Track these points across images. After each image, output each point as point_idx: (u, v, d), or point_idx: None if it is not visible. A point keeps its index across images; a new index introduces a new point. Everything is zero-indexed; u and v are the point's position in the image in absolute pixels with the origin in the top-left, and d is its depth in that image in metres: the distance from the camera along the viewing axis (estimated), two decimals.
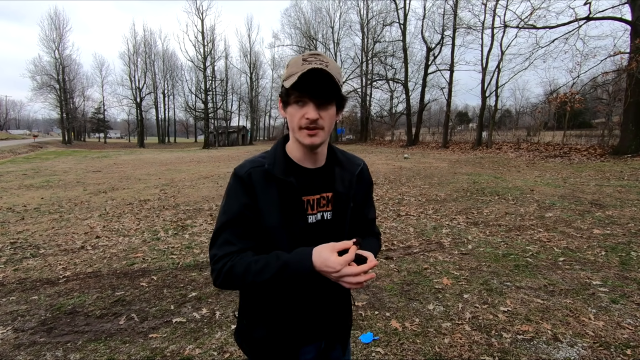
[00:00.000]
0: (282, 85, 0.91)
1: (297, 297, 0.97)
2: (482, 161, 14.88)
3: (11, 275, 3.58)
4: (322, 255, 0.81)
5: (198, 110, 42.73)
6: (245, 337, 1.03)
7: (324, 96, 0.87)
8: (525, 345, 2.28)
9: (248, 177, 0.91)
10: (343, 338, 1.12)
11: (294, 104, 0.88)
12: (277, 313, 0.98)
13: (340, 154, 1.04)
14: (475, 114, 39.28)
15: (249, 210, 0.91)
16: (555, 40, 15.98)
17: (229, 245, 0.90)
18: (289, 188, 0.91)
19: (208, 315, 2.75)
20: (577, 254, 3.89)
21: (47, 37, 40.57)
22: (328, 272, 0.80)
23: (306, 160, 0.97)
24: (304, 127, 0.87)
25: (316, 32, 40.00)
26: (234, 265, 0.87)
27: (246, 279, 0.85)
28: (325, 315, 1.03)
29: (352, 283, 0.79)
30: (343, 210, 0.99)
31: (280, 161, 0.94)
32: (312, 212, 0.96)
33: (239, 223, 0.91)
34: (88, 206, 7.01)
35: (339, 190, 0.98)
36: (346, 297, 1.12)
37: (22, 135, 56.91)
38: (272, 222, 0.91)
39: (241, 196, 0.91)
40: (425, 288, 3.14)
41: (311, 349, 1.03)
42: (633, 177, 8.87)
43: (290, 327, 0.98)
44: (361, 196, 1.06)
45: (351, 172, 1.02)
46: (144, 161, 18.42)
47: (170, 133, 65.13)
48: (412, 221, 5.48)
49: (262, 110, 58.16)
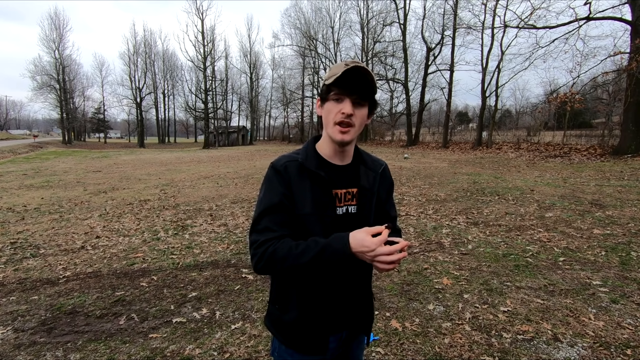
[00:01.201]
0: (323, 84, 0.99)
1: (328, 284, 1.03)
2: (482, 161, 14.88)
3: (11, 275, 3.58)
4: (357, 237, 0.87)
5: (198, 110, 42.73)
6: (276, 320, 1.09)
7: (361, 93, 0.95)
8: (525, 345, 2.28)
9: (284, 169, 1.00)
10: (365, 329, 1.17)
11: (332, 100, 0.97)
12: (309, 298, 1.03)
13: (365, 155, 1.13)
14: (475, 114, 39.28)
15: (286, 199, 0.98)
16: (555, 40, 15.99)
17: (270, 231, 0.96)
18: (320, 180, 1.00)
19: (208, 315, 2.75)
20: (577, 254, 3.89)
21: (47, 37, 40.57)
22: (364, 252, 0.86)
23: (335, 157, 1.05)
24: (339, 122, 0.96)
25: (316, 32, 40.03)
26: (276, 249, 0.93)
27: (287, 263, 0.91)
28: (350, 306, 1.09)
29: (386, 262, 0.85)
30: (367, 204, 1.06)
31: (312, 156, 1.03)
32: (339, 205, 1.03)
33: (278, 211, 0.98)
34: (88, 206, 7.01)
35: (364, 185, 1.06)
36: (368, 289, 1.17)
37: (22, 136, 56.89)
38: (306, 211, 0.98)
39: (279, 186, 0.99)
40: (425, 288, 3.14)
41: (333, 339, 1.09)
42: (633, 177, 8.87)
43: (320, 313, 1.04)
44: (384, 194, 1.14)
45: (375, 171, 1.10)
46: (144, 161, 18.42)
47: (170, 133, 65.13)
48: (412, 221, 5.48)
49: (262, 110, 58.12)
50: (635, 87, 12.41)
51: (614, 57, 14.40)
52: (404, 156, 17.78)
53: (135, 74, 46.46)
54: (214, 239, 4.72)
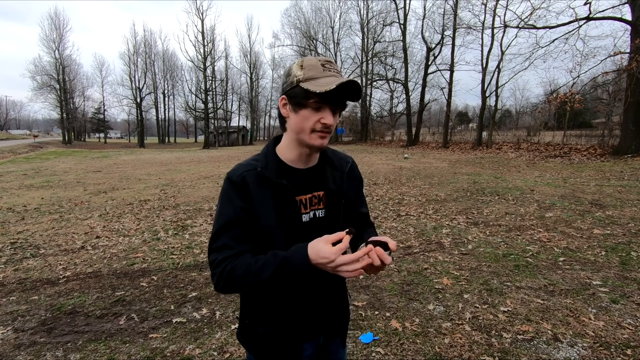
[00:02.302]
0: (297, 85, 0.88)
1: (297, 293, 0.99)
2: (482, 161, 14.88)
3: (11, 275, 3.58)
4: (315, 247, 0.81)
5: (198, 110, 42.72)
6: (247, 335, 1.05)
7: (344, 106, 0.92)
8: (525, 346, 2.28)
9: (242, 180, 0.92)
10: (342, 331, 1.15)
11: (310, 108, 0.88)
12: (277, 310, 0.99)
13: (330, 153, 1.07)
14: (475, 114, 39.29)
15: (244, 213, 0.91)
16: (555, 40, 15.97)
17: (228, 249, 0.90)
18: (282, 189, 0.93)
19: (208, 315, 2.75)
20: (577, 254, 3.89)
21: (47, 37, 40.57)
22: (323, 263, 0.79)
23: (299, 161, 0.99)
24: (319, 130, 0.89)
25: (316, 32, 40.01)
26: (234, 267, 0.87)
27: (246, 280, 0.86)
28: (324, 311, 1.05)
29: (349, 271, 0.79)
30: (336, 207, 1.02)
31: (272, 163, 0.96)
32: (305, 211, 0.98)
33: (236, 226, 0.92)
34: (88, 206, 7.01)
35: (331, 188, 1.01)
36: (342, 289, 1.14)
37: (22, 136, 56.87)
38: (269, 223, 0.92)
39: (236, 200, 0.92)
40: (425, 288, 3.14)
41: (309, 345, 1.05)
42: (633, 177, 8.86)
43: (291, 324, 1.00)
44: (353, 193, 1.10)
45: (341, 170, 1.05)
46: (144, 161, 18.42)
47: (171, 133, 65.15)
48: (412, 221, 5.48)
49: (262, 110, 58.15)
50: (635, 87, 12.41)
51: (614, 57, 14.41)
52: (404, 156, 17.79)
53: (135, 74, 46.53)
54: None
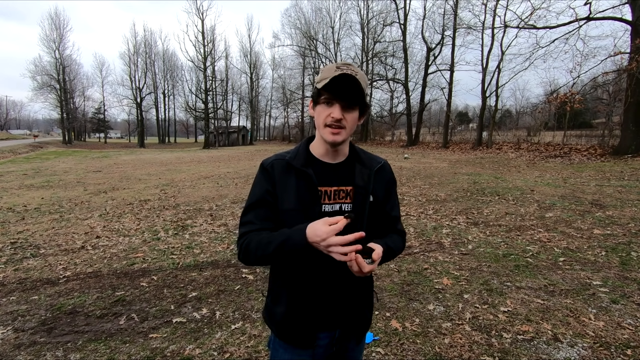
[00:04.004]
0: (315, 87, 1.02)
1: (317, 281, 1.05)
2: (483, 161, 14.87)
3: (11, 275, 3.58)
4: (313, 226, 0.88)
5: (198, 110, 42.70)
6: (269, 313, 1.14)
7: (350, 99, 0.97)
8: (525, 346, 2.28)
9: (270, 166, 1.06)
10: (359, 330, 1.15)
11: (323, 104, 0.99)
12: (295, 294, 1.06)
13: (361, 153, 1.13)
14: (475, 114, 39.27)
15: (269, 195, 1.04)
16: (555, 41, 15.97)
17: (251, 224, 1.03)
18: (305, 177, 1.02)
19: (208, 315, 2.75)
20: (578, 254, 3.88)
21: (47, 37, 40.54)
22: (317, 242, 0.86)
23: (327, 156, 1.07)
24: (329, 124, 0.98)
25: (316, 32, 40.01)
26: (251, 240, 0.99)
27: (258, 252, 0.96)
28: (342, 305, 1.08)
29: (339, 254, 0.84)
30: (362, 203, 1.06)
31: (301, 155, 1.06)
32: (328, 202, 1.04)
33: (261, 205, 1.04)
34: (88, 206, 7.01)
35: (359, 184, 1.06)
36: (367, 289, 1.16)
37: (23, 135, 56.85)
38: (289, 206, 1.02)
39: (264, 183, 1.05)
40: (425, 288, 3.14)
41: (325, 336, 1.09)
42: (633, 177, 8.86)
43: (306, 309, 1.06)
44: (382, 192, 1.12)
45: (370, 168, 1.10)
46: (144, 161, 18.42)
47: (171, 133, 65.09)
48: (412, 221, 5.48)
49: (262, 110, 58.08)
50: (635, 87, 12.40)
51: (614, 57, 14.41)
52: (404, 156, 17.78)
53: (136, 74, 46.49)
54: (214, 239, 4.72)
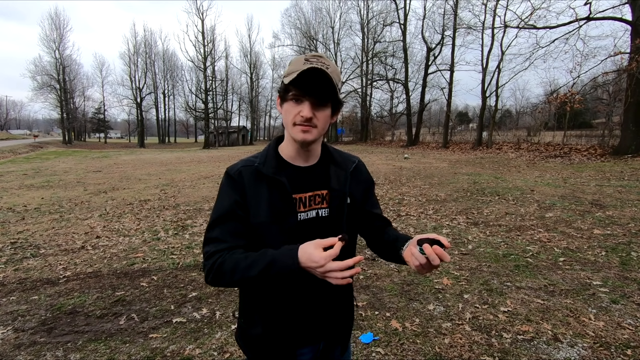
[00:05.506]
0: (282, 82, 0.91)
1: (294, 296, 0.96)
2: (483, 161, 14.87)
3: (11, 275, 3.58)
4: (307, 251, 0.80)
5: (198, 110, 42.70)
6: (243, 336, 1.04)
7: (320, 96, 0.88)
8: (525, 346, 2.28)
9: (238, 175, 0.94)
10: (343, 339, 1.10)
11: (291, 101, 0.89)
12: (273, 312, 0.97)
13: (335, 153, 1.05)
14: (475, 114, 39.28)
15: (239, 207, 0.92)
16: (555, 41, 15.96)
17: (220, 242, 0.91)
18: (278, 186, 0.92)
19: (208, 315, 2.75)
20: (578, 254, 3.88)
21: (47, 37, 40.61)
22: (313, 267, 0.79)
23: (298, 158, 0.98)
24: (298, 123, 0.89)
25: (316, 32, 40.02)
26: (224, 261, 0.87)
27: (235, 276, 0.86)
28: (324, 316, 1.02)
29: (337, 278, 0.78)
30: (339, 206, 0.99)
31: (270, 160, 0.96)
32: (303, 210, 0.96)
33: (230, 219, 0.92)
34: (88, 206, 7.01)
35: (334, 187, 0.99)
36: (347, 297, 1.10)
37: (23, 135, 56.85)
38: (261, 219, 0.91)
39: (232, 193, 0.93)
40: (425, 288, 3.14)
41: (308, 350, 1.02)
42: (633, 177, 8.86)
43: (286, 327, 0.98)
44: (359, 193, 1.06)
45: (345, 169, 1.03)
46: (144, 161, 18.42)
47: (171, 133, 65.12)
48: (413, 221, 5.48)
49: (262, 110, 58.14)
50: (635, 87, 12.40)
51: (614, 57, 14.41)
52: (404, 156, 17.78)
53: (136, 74, 46.54)
54: None
